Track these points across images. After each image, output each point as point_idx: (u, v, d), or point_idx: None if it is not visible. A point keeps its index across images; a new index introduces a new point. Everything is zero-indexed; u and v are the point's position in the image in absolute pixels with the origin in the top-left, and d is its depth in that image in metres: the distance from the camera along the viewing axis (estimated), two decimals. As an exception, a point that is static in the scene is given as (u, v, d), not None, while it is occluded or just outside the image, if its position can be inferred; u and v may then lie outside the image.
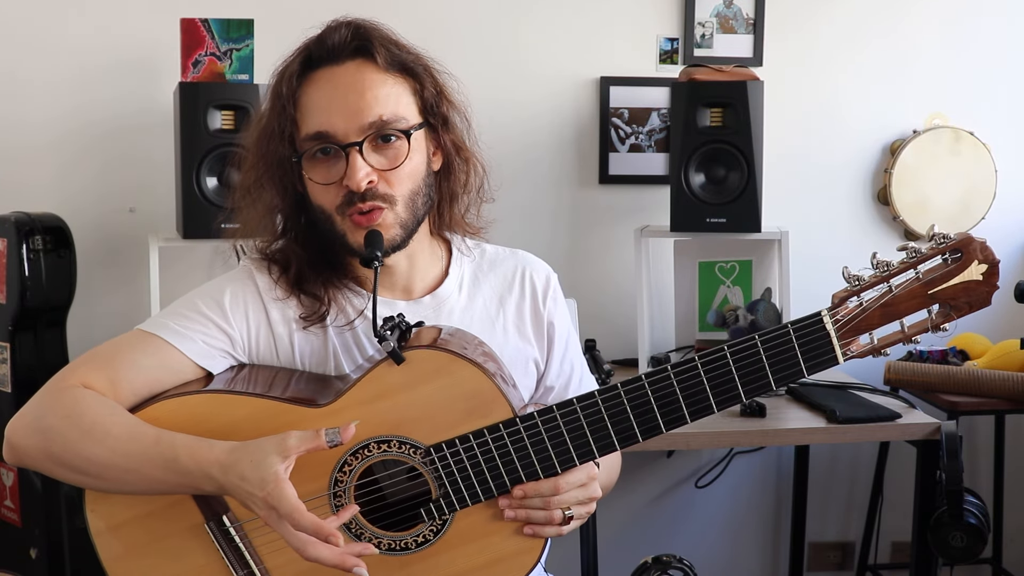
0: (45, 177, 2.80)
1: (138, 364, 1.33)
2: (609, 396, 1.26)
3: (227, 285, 1.41)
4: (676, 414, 1.25)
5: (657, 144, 3.03)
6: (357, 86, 1.34)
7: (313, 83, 1.36)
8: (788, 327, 1.22)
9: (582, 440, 1.27)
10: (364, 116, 1.33)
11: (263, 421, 1.28)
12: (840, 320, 1.21)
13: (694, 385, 1.24)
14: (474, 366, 1.27)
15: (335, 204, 1.35)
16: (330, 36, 1.36)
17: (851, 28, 3.08)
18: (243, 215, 1.45)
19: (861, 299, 1.21)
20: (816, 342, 1.21)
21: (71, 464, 1.28)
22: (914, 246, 1.20)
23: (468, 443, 1.28)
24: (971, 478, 3.17)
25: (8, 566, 2.54)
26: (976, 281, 1.18)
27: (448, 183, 1.45)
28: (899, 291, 1.19)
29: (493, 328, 1.48)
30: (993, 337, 2.95)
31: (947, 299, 1.19)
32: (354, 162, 1.32)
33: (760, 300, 2.86)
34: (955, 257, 1.19)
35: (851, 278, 1.21)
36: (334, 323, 1.42)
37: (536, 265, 1.55)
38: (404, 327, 1.31)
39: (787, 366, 1.22)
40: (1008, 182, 3.09)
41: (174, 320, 1.37)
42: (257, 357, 1.41)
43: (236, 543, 1.31)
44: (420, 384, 1.28)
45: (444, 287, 1.47)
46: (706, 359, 1.24)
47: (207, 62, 2.55)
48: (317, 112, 1.35)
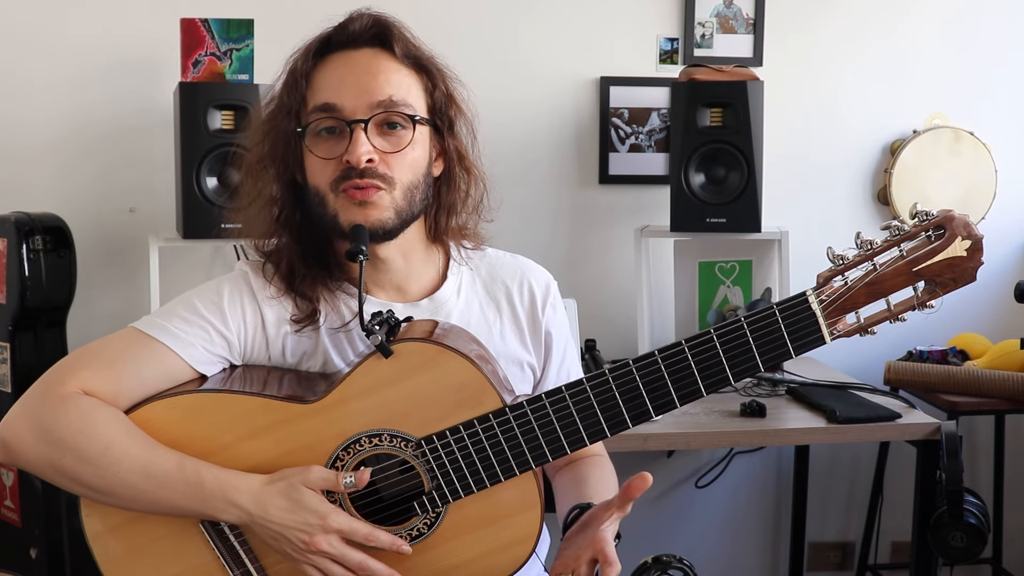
0: (45, 177, 2.80)
1: (141, 375, 1.32)
2: (598, 383, 1.27)
3: (224, 286, 1.42)
4: (665, 399, 1.26)
5: (657, 144, 3.03)
6: (371, 68, 1.36)
7: (328, 63, 1.38)
8: (774, 307, 1.22)
9: (572, 428, 1.28)
10: (374, 95, 1.34)
11: (256, 418, 1.29)
12: (825, 300, 1.21)
13: (682, 369, 1.25)
14: (463, 357, 1.28)
15: (330, 180, 1.35)
16: (351, 23, 1.38)
17: (851, 28, 3.08)
18: (243, 203, 1.45)
19: (846, 278, 1.21)
20: (802, 322, 1.21)
21: (82, 480, 1.27)
22: (897, 224, 1.20)
23: (459, 434, 1.28)
24: (971, 478, 3.17)
25: (8, 566, 2.54)
26: (960, 257, 1.19)
27: (448, 192, 1.45)
28: (884, 269, 1.19)
29: (490, 333, 1.48)
30: (993, 337, 2.95)
31: (932, 275, 1.20)
32: (357, 137, 1.33)
33: (760, 300, 2.86)
34: (938, 234, 1.19)
35: (835, 258, 1.21)
36: (327, 324, 1.42)
37: (536, 272, 1.55)
38: (392, 322, 1.31)
39: (774, 347, 1.22)
40: (1008, 182, 3.09)
41: (173, 323, 1.36)
42: (251, 358, 1.42)
43: (231, 542, 1.32)
44: (409, 377, 1.28)
45: (442, 291, 1.47)
46: (693, 343, 1.25)
47: (207, 62, 2.55)
48: (327, 87, 1.36)
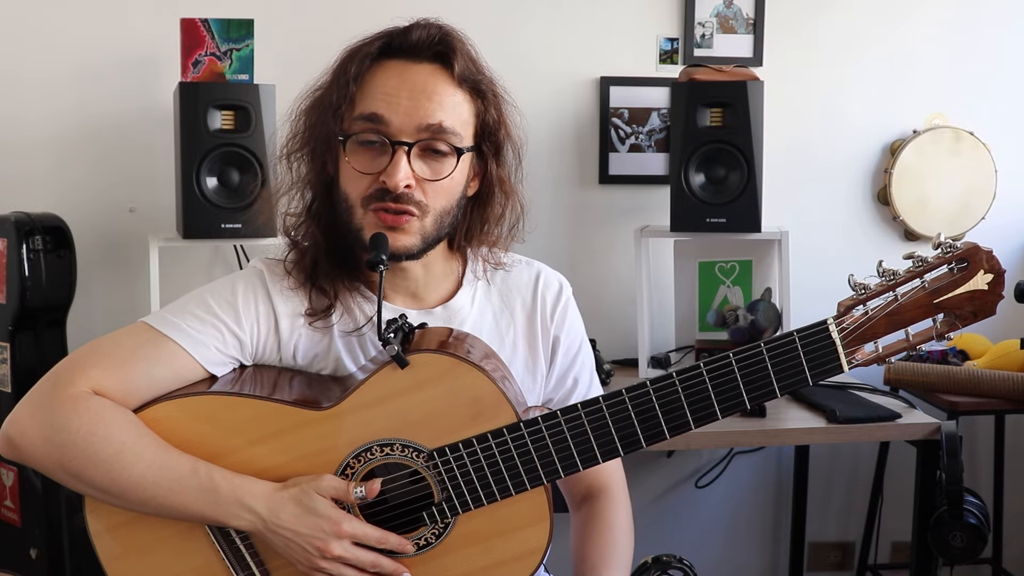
0: (45, 177, 2.80)
1: (151, 375, 1.31)
2: (614, 402, 1.26)
3: (239, 283, 1.40)
4: (680, 420, 1.25)
5: (657, 144, 3.03)
6: (427, 87, 1.33)
7: (384, 69, 1.34)
8: (794, 335, 1.21)
9: (586, 445, 1.27)
10: (424, 117, 1.32)
11: (267, 423, 1.28)
12: (846, 329, 1.20)
13: (699, 391, 1.24)
14: (478, 370, 1.27)
15: (363, 195, 1.33)
16: (417, 31, 1.35)
17: (851, 28, 3.08)
18: (280, 186, 1.42)
19: (867, 308, 1.20)
20: (821, 351, 1.21)
21: (91, 482, 1.27)
22: (920, 255, 1.20)
23: (472, 447, 1.27)
24: (971, 478, 3.17)
25: (8, 566, 2.54)
26: (981, 291, 1.18)
27: (484, 210, 1.44)
28: (905, 300, 1.19)
29: (502, 341, 1.47)
30: (993, 337, 2.95)
31: (952, 308, 1.19)
32: (399, 160, 1.30)
33: (760, 300, 2.86)
34: (961, 267, 1.19)
35: (857, 286, 1.20)
36: (340, 325, 1.41)
37: (549, 278, 1.53)
38: (407, 329, 1.30)
39: (792, 374, 1.22)
40: (1008, 182, 3.09)
41: (186, 321, 1.34)
42: (262, 359, 1.41)
43: (236, 543, 1.31)
44: (424, 388, 1.27)
45: (457, 299, 1.46)
46: (712, 366, 1.23)
47: (207, 62, 2.54)
48: (378, 96, 1.32)
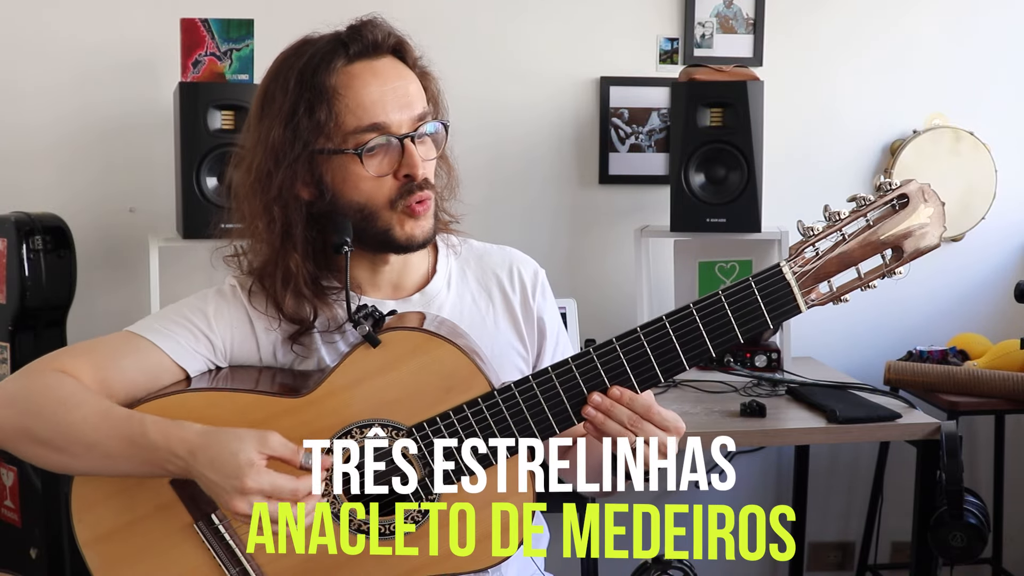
0: (45, 177, 2.80)
1: (120, 364, 1.35)
2: (583, 361, 1.28)
3: (212, 297, 1.43)
4: (649, 373, 1.29)
5: (657, 144, 3.03)
6: (401, 80, 1.36)
7: (353, 76, 1.34)
8: (749, 279, 1.26)
9: (560, 407, 1.29)
10: (413, 107, 1.36)
11: (248, 414, 1.29)
12: (799, 270, 1.26)
13: (664, 344, 1.28)
14: (450, 344, 1.29)
15: (388, 197, 1.35)
16: (369, 31, 1.36)
17: (851, 28, 3.08)
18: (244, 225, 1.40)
19: (817, 248, 1.26)
20: (778, 292, 1.26)
21: (39, 435, 1.28)
22: (862, 195, 1.26)
23: (449, 419, 1.29)
24: (971, 478, 3.17)
25: (8, 566, 2.54)
26: (923, 223, 1.25)
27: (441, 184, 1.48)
28: (852, 239, 1.25)
29: (483, 323, 1.48)
30: (993, 337, 2.95)
31: (897, 242, 1.25)
32: (413, 151, 1.34)
33: (760, 300, 2.86)
34: (902, 202, 1.25)
35: (805, 230, 1.25)
36: (320, 325, 1.42)
37: (524, 260, 1.57)
38: (377, 315, 1.32)
39: (752, 318, 1.26)
40: (1008, 182, 3.09)
41: (159, 323, 1.39)
42: (238, 359, 1.43)
43: (227, 541, 1.31)
44: (397, 365, 1.29)
45: (432, 284, 1.48)
46: (674, 318, 1.27)
47: (207, 62, 2.55)
48: (368, 106, 1.33)
